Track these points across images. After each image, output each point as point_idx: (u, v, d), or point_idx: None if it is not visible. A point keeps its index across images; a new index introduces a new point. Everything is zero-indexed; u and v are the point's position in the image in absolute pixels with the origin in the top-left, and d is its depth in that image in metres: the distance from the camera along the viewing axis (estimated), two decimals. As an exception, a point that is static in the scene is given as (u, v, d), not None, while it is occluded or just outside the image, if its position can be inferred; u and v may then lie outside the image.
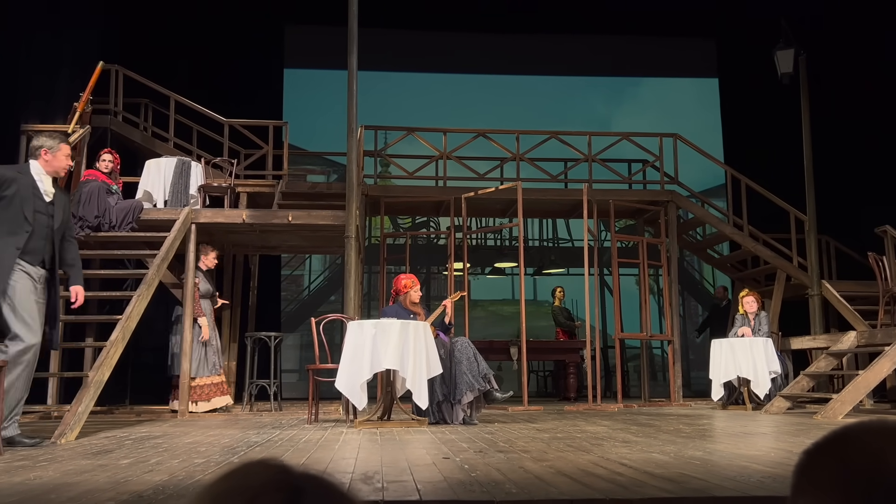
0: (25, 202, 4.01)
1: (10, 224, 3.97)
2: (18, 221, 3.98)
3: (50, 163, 4.20)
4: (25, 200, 4.01)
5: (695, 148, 9.76)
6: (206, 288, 7.10)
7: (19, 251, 3.96)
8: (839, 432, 0.73)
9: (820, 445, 0.72)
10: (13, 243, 3.96)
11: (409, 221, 12.58)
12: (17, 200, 3.99)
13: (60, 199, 4.26)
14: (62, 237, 4.26)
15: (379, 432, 4.71)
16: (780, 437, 4.30)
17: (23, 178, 4.05)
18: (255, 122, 9.23)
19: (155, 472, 2.83)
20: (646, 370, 9.54)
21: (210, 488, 0.65)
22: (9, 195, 3.99)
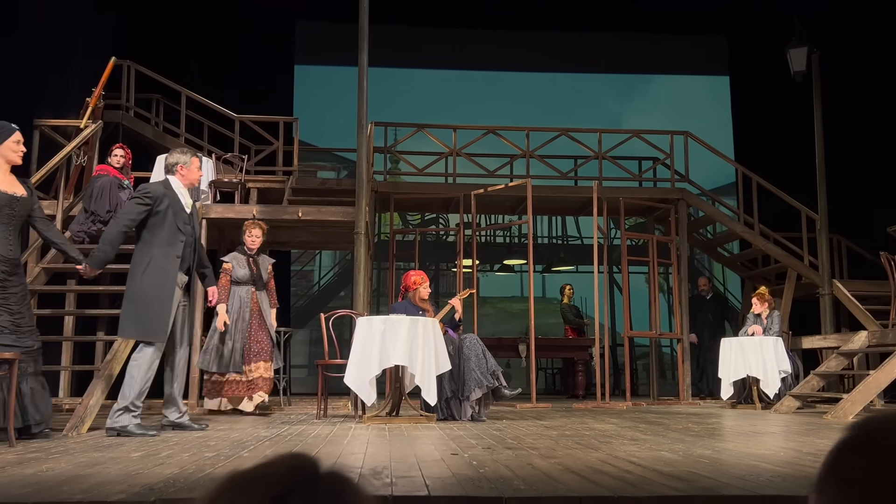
0: (177, 215, 4.43)
1: (168, 236, 4.39)
2: (174, 232, 4.40)
3: (186, 176, 4.59)
4: (177, 214, 4.43)
5: (706, 146, 9.72)
6: (242, 273, 6.12)
7: (179, 259, 4.41)
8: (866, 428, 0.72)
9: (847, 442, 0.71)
10: (173, 253, 4.40)
11: (419, 218, 12.59)
12: (170, 214, 4.40)
13: (194, 210, 4.71)
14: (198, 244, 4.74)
15: (387, 428, 4.73)
16: (790, 436, 4.28)
17: (170, 193, 4.45)
18: (265, 118, 9.25)
19: (165, 465, 2.85)
20: (654, 368, 9.52)
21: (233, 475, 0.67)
22: (162, 209, 4.38)
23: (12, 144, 4.08)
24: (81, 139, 6.91)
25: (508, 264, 13.15)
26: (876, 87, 10.62)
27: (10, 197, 4.03)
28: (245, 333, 6.02)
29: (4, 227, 4.02)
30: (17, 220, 4.09)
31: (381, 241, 11.40)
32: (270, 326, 6.19)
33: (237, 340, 5.96)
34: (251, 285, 6.13)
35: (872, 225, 9.49)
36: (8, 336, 3.93)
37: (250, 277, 6.11)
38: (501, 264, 13.22)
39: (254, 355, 6.04)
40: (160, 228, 4.38)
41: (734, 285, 11.97)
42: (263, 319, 6.15)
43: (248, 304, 6.07)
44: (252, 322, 6.08)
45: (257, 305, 6.12)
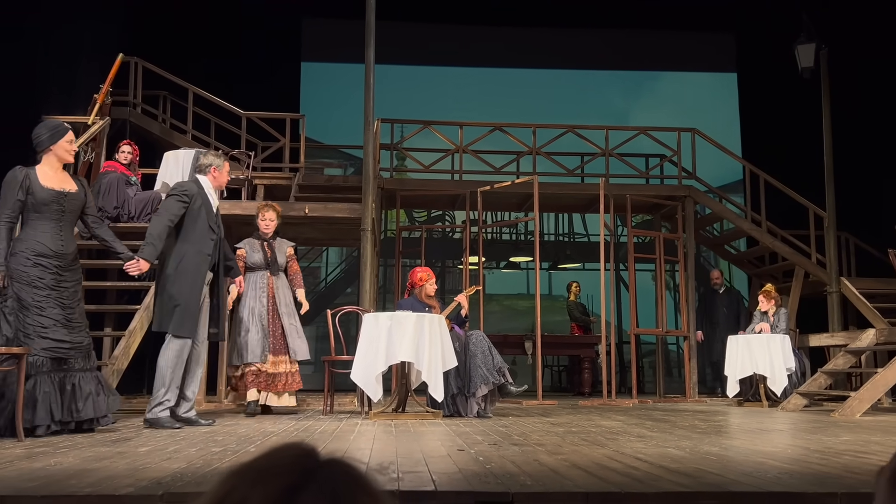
0: (209, 214, 4.57)
1: (201, 234, 4.51)
2: (206, 231, 4.54)
3: (217, 178, 4.76)
4: (209, 213, 4.57)
5: (713, 143, 9.68)
6: (256, 258, 5.77)
7: (209, 258, 4.55)
8: None
9: None
10: (205, 251, 4.53)
11: (425, 215, 12.58)
12: (203, 212, 4.53)
13: (219, 211, 4.84)
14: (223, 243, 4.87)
15: (394, 424, 4.73)
16: (797, 434, 4.27)
17: (202, 192, 4.59)
18: (272, 114, 9.26)
19: (173, 460, 2.86)
20: (661, 366, 9.50)
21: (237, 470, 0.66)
22: (196, 207, 4.50)
23: (65, 144, 4.16)
24: (89, 136, 6.93)
25: (515, 261, 13.13)
26: (884, 84, 10.56)
27: (56, 193, 4.07)
28: (264, 320, 5.62)
29: (54, 222, 4.07)
30: (69, 216, 4.14)
31: (387, 238, 11.41)
32: (290, 313, 5.74)
33: (257, 327, 5.58)
34: (265, 270, 5.78)
35: (881, 222, 9.45)
36: (59, 330, 3.95)
37: (264, 262, 5.77)
38: (507, 261, 13.21)
39: (274, 348, 5.63)
40: (193, 226, 4.48)
41: (741, 283, 11.93)
42: (281, 307, 5.71)
43: (263, 290, 5.69)
44: (269, 308, 5.68)
45: (273, 291, 5.72)
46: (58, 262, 4.03)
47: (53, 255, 4.02)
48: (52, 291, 3.96)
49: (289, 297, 5.79)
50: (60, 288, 4.02)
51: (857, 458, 3.00)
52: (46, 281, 3.95)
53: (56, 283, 4.01)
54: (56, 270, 4.02)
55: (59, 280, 4.02)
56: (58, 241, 4.07)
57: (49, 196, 4.05)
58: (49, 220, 4.05)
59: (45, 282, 3.95)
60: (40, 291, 3.93)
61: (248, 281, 5.70)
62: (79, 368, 4.03)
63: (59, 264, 4.04)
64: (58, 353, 3.94)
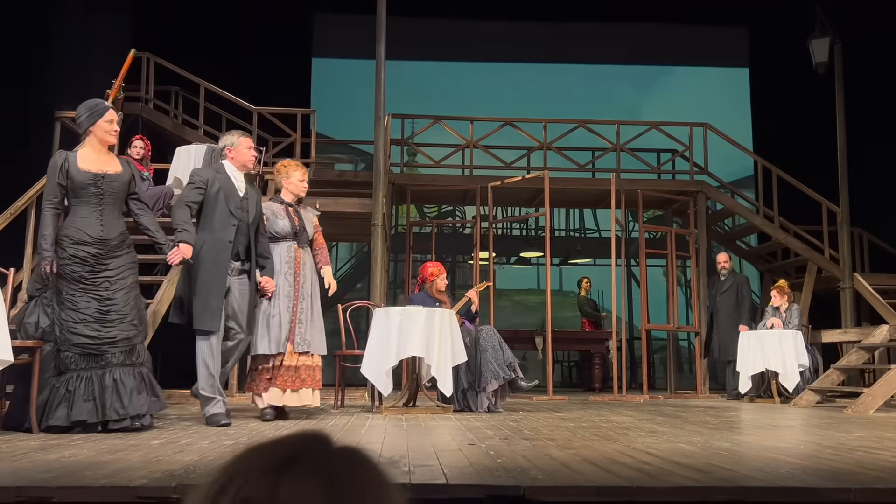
0: (229, 199, 4.29)
1: (220, 220, 4.25)
2: (226, 216, 4.26)
3: (236, 158, 4.45)
4: (229, 198, 4.29)
5: (725, 138, 9.63)
6: (281, 226, 4.77)
7: (231, 245, 4.25)
8: None
9: None
10: (225, 238, 4.24)
11: (436, 210, 12.59)
12: (221, 197, 4.27)
13: (252, 195, 4.47)
14: (256, 230, 4.46)
15: (404, 418, 4.74)
16: (810, 430, 4.25)
17: (221, 177, 4.34)
18: (283, 109, 9.28)
19: (185, 453, 2.88)
20: (672, 362, 9.47)
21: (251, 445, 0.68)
22: (213, 193, 4.27)
23: (104, 124, 3.95)
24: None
25: (525, 257, 13.11)
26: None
27: (93, 175, 3.87)
28: (291, 298, 4.68)
29: (93, 206, 3.87)
30: (110, 199, 3.91)
31: (397, 233, 11.42)
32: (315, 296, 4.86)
33: (278, 310, 4.62)
34: (292, 240, 4.79)
35: (894, 218, 9.37)
36: (90, 325, 3.74)
37: (291, 230, 4.79)
38: (518, 257, 13.18)
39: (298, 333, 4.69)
40: (212, 213, 4.24)
41: (753, 278, 11.87)
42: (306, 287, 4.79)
43: (290, 264, 4.73)
44: (294, 287, 4.74)
45: (299, 266, 4.79)
46: (98, 248, 3.82)
47: (93, 242, 3.81)
48: (86, 285, 3.77)
49: (315, 277, 4.91)
50: (99, 279, 3.80)
51: (871, 455, 2.98)
52: (82, 274, 3.77)
53: (93, 275, 3.79)
54: (96, 258, 3.80)
55: (98, 270, 3.80)
56: (97, 226, 3.85)
57: (86, 179, 3.85)
58: (88, 204, 3.86)
59: (80, 275, 3.77)
60: (74, 286, 3.76)
61: (278, 255, 4.76)
62: (117, 363, 3.78)
63: (99, 251, 3.82)
64: (87, 350, 3.72)
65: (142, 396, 3.79)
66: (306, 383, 4.66)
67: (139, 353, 3.90)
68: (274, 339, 4.55)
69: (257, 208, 4.45)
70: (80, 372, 3.70)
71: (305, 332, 4.68)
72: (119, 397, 3.71)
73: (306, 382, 4.66)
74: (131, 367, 3.82)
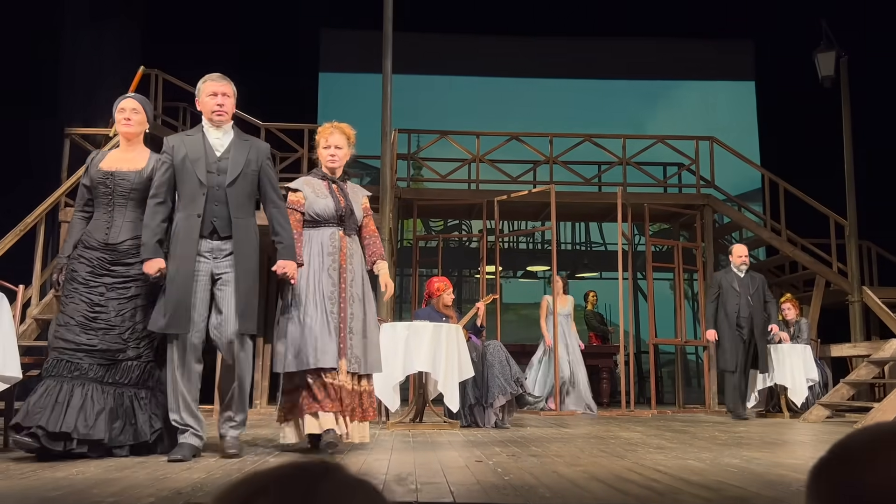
0: (197, 162, 3.42)
1: (189, 192, 3.40)
2: (194, 185, 3.39)
3: (203, 111, 3.61)
4: (196, 161, 3.42)
5: (732, 151, 9.62)
6: (322, 206, 3.72)
7: (200, 219, 3.36)
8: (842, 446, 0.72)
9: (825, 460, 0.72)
10: (194, 212, 3.37)
11: (442, 224, 12.60)
12: (186, 164, 3.41)
13: (239, 151, 3.50)
14: (267, 201, 3.53)
15: (411, 434, 4.73)
16: (820, 445, 4.22)
17: (190, 139, 3.51)
18: (290, 125, 9.33)
19: (193, 470, 2.88)
20: (680, 376, 9.43)
21: None
22: (179, 161, 3.43)
23: (117, 116, 3.66)
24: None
25: (532, 270, 13.10)
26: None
27: (104, 173, 3.54)
28: (336, 300, 3.60)
29: (104, 207, 3.54)
30: (120, 200, 3.53)
31: (404, 248, 11.43)
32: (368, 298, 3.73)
33: (324, 316, 3.55)
34: (337, 226, 3.73)
35: (903, 231, 9.33)
36: (72, 328, 3.36)
37: (335, 212, 3.72)
38: (525, 270, 13.18)
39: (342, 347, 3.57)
40: (182, 185, 3.42)
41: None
42: (356, 286, 3.69)
43: (334, 255, 3.65)
44: (340, 286, 3.63)
45: (346, 259, 3.68)
46: (103, 254, 3.48)
47: (99, 247, 3.49)
48: (81, 285, 3.44)
49: (366, 274, 3.80)
50: (96, 282, 3.44)
51: (882, 472, 2.95)
52: (82, 275, 3.46)
53: (93, 277, 3.45)
54: (99, 264, 3.47)
55: (99, 273, 3.46)
56: (103, 229, 3.52)
57: (97, 177, 3.56)
58: (100, 205, 3.56)
59: (81, 276, 3.46)
60: (70, 286, 3.47)
61: (309, 241, 3.70)
62: (93, 377, 3.32)
63: (103, 257, 3.48)
64: (61, 355, 3.34)
65: (117, 424, 3.30)
66: (356, 413, 3.58)
67: (126, 372, 3.40)
68: (318, 351, 3.44)
69: (247, 167, 3.47)
70: (50, 380, 3.31)
71: (356, 346, 3.59)
72: (84, 415, 3.23)
73: (356, 412, 3.58)
74: (112, 387, 3.36)
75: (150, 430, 3.40)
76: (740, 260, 7.12)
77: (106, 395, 3.33)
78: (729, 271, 7.14)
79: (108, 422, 3.27)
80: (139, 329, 3.46)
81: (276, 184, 3.60)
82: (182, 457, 3.16)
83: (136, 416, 3.38)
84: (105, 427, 3.25)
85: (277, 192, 3.57)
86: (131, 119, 3.65)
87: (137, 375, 3.43)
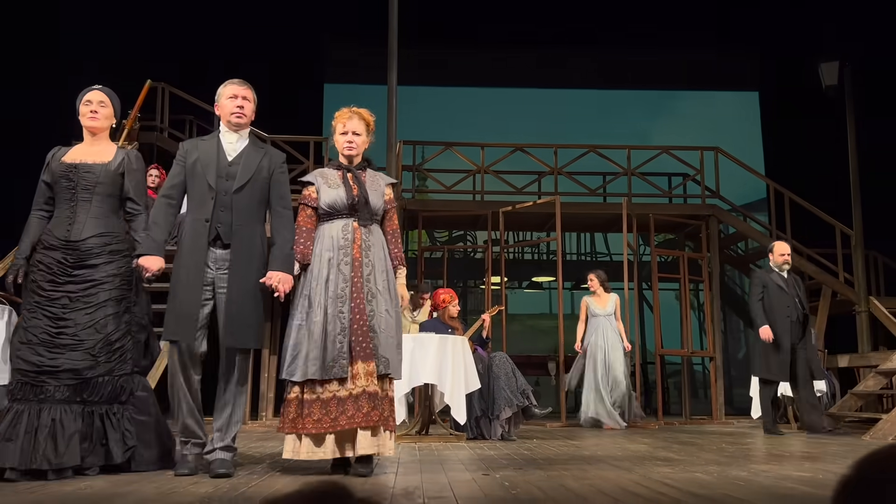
0: (208, 167, 3.29)
1: (198, 196, 3.28)
2: (203, 190, 3.27)
3: (221, 115, 3.44)
4: (208, 165, 3.30)
5: (736, 161, 9.63)
6: (333, 197, 3.39)
7: (208, 224, 3.23)
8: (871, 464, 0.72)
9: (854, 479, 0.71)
10: (202, 216, 3.25)
11: (447, 235, 12.62)
12: (198, 167, 3.30)
13: (251, 157, 3.37)
14: (271, 209, 3.40)
15: (417, 447, 4.72)
16: (828, 458, 4.19)
17: (205, 143, 3.39)
18: (296, 137, 9.37)
19: (200, 484, 2.88)
20: (687, 387, 9.40)
21: None
22: (190, 164, 3.32)
23: (81, 108, 3.45)
24: None
25: (537, 281, 13.10)
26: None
27: (67, 166, 3.32)
28: (346, 298, 3.26)
29: (66, 203, 3.31)
30: (85, 195, 3.30)
31: (409, 259, 11.44)
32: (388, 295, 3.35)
33: (333, 318, 3.24)
34: (350, 217, 3.40)
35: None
36: (34, 348, 3.11)
37: (347, 203, 3.40)
38: (530, 281, 13.18)
39: (356, 352, 3.20)
40: (192, 189, 3.31)
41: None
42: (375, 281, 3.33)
43: (346, 250, 3.33)
44: (353, 283, 3.29)
45: (360, 252, 3.34)
46: (65, 254, 3.22)
47: (60, 246, 3.23)
48: (42, 298, 3.17)
49: (389, 267, 3.43)
50: (58, 292, 3.18)
51: (891, 485, 2.93)
52: (41, 284, 3.19)
53: (54, 287, 3.19)
54: (62, 266, 3.21)
55: (60, 282, 3.19)
56: (64, 226, 3.26)
57: (60, 171, 3.32)
58: (62, 201, 3.31)
59: (40, 285, 3.19)
60: (31, 298, 3.19)
61: (321, 236, 3.40)
62: (61, 398, 3.09)
63: (65, 258, 3.21)
64: (24, 378, 3.10)
65: (85, 445, 3.09)
66: (371, 419, 3.12)
67: (97, 389, 3.16)
68: (319, 361, 3.17)
69: (258, 174, 3.34)
70: (16, 405, 3.09)
71: (382, 345, 3.24)
72: (54, 442, 3.00)
73: (371, 418, 3.12)
74: (80, 406, 3.12)
75: (122, 449, 3.17)
76: (782, 259, 6.33)
77: (75, 415, 3.10)
78: (771, 271, 6.36)
79: (79, 444, 3.07)
80: (112, 340, 3.22)
81: (287, 194, 3.44)
82: (188, 471, 3.13)
83: (106, 435, 3.15)
84: (77, 451, 3.05)
85: (285, 201, 3.41)
86: (98, 112, 3.43)
87: (109, 391, 3.20)
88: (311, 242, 3.38)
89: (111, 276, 3.25)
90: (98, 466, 3.13)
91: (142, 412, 3.28)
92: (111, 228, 3.32)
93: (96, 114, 3.42)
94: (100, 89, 3.48)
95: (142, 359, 3.37)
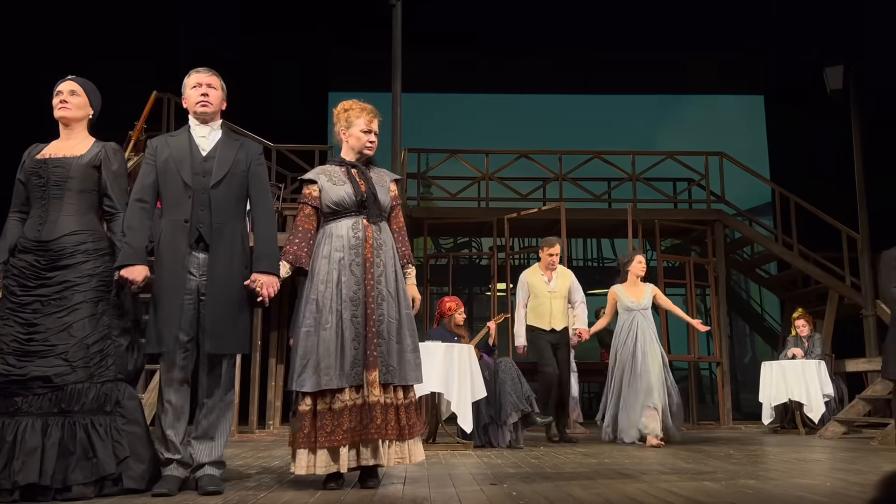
0: (181, 164, 3.12)
1: (173, 196, 3.11)
2: (179, 189, 3.10)
3: (188, 107, 3.26)
4: (181, 162, 3.12)
5: (741, 166, 9.62)
6: (339, 195, 3.24)
7: (187, 225, 3.06)
8: None
9: None
10: (180, 217, 3.08)
11: (452, 242, 12.62)
12: (170, 164, 3.12)
13: (226, 151, 3.19)
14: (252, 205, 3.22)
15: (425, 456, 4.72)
16: (837, 464, 4.18)
17: (175, 139, 3.21)
18: (301, 146, 9.40)
19: (209, 497, 2.88)
20: (694, 392, 9.37)
21: None
22: (161, 162, 3.14)
23: (53, 100, 3.25)
24: None
25: (542, 287, 13.06)
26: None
27: (38, 162, 3.12)
28: (360, 302, 3.13)
29: (37, 202, 3.10)
30: (56, 191, 3.09)
31: (414, 266, 11.45)
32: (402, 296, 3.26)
33: (343, 322, 3.11)
34: (358, 214, 3.26)
35: (916, 244, 9.26)
36: (4, 359, 2.89)
37: (355, 199, 3.25)
38: (535, 287, 13.15)
39: (370, 360, 3.09)
40: (165, 188, 3.12)
41: (772, 307, 11.76)
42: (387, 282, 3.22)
43: (356, 249, 3.19)
44: (365, 284, 3.15)
45: (371, 251, 3.21)
46: (37, 256, 3.02)
47: (33, 248, 3.04)
48: (13, 304, 2.98)
49: (397, 265, 3.32)
50: (29, 297, 2.97)
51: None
52: (12, 289, 3.00)
53: (25, 291, 2.99)
54: (34, 269, 3.01)
55: (30, 286, 2.99)
56: (35, 226, 3.07)
57: (30, 168, 3.14)
58: (34, 200, 3.12)
59: (11, 290, 3.00)
60: (5, 304, 3.00)
61: (327, 235, 3.25)
62: (35, 411, 2.85)
63: (37, 261, 3.01)
64: None
65: (69, 460, 2.82)
66: (389, 432, 3.07)
67: (77, 397, 2.90)
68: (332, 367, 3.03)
69: (234, 167, 3.17)
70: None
71: (389, 353, 3.12)
72: (25, 456, 2.76)
73: (389, 431, 3.07)
74: (60, 416, 2.87)
75: (114, 460, 2.90)
76: None
77: (48, 427, 2.84)
78: None
79: (54, 460, 2.78)
80: (88, 344, 2.96)
81: (267, 188, 3.28)
82: (168, 490, 2.87)
83: (94, 447, 2.87)
84: (36, 468, 2.74)
85: (266, 195, 3.24)
86: (68, 102, 3.20)
87: (92, 399, 2.92)
88: (305, 244, 3.24)
89: (86, 276, 3.02)
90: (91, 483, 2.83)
91: (130, 422, 3.00)
92: (86, 226, 3.10)
93: (66, 103, 3.20)
94: (72, 79, 3.27)
95: (127, 365, 3.08)
